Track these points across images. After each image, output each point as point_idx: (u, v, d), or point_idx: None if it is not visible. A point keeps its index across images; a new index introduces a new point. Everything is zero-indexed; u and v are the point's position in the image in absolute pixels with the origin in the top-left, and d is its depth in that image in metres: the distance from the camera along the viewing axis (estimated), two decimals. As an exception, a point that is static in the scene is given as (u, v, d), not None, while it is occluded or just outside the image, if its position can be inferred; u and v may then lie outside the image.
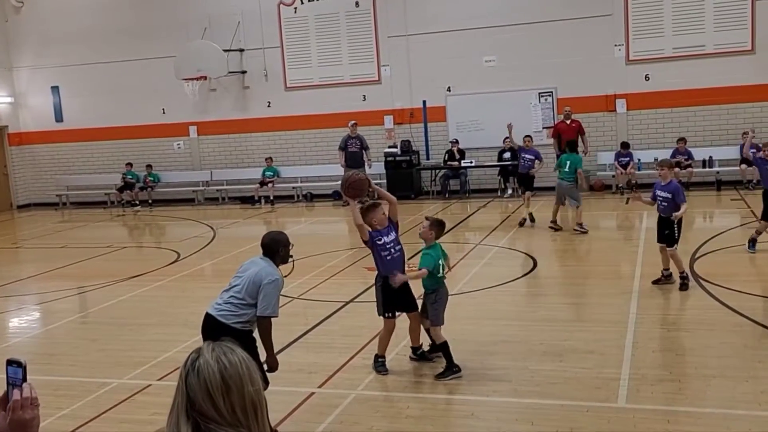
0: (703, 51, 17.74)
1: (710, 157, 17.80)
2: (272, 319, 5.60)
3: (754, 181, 16.73)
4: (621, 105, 18.46)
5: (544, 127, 18.96)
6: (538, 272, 10.89)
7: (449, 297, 7.20)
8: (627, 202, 14.07)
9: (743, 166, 17.05)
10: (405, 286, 6.99)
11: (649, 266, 10.41)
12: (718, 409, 5.91)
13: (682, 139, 17.71)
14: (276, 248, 5.64)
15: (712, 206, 16.16)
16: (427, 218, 7.22)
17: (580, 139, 17.72)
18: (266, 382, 5.42)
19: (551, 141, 18.03)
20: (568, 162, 13.56)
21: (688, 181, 17.52)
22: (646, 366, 6.86)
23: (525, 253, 12.10)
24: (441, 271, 7.04)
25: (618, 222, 15.63)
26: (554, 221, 13.77)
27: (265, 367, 5.59)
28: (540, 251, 12.39)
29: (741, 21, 17.41)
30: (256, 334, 5.74)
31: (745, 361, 6.85)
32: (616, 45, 18.33)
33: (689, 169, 17.53)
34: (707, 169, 17.75)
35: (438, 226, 7.17)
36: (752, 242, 11.05)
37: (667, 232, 9.27)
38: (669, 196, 9.26)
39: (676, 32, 17.89)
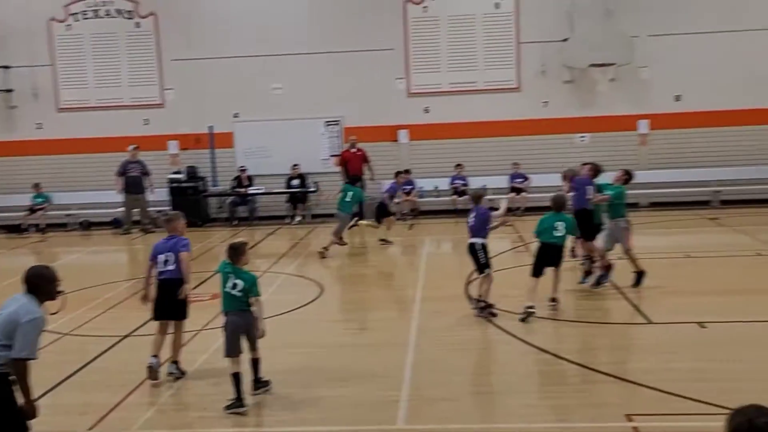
0: (475, 87, 19.07)
1: (484, 185, 19.00)
2: (32, 361, 5.09)
3: (523, 208, 18.25)
4: (403, 135, 19.30)
5: (331, 155, 19.31)
6: (325, 298, 10.96)
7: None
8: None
9: (512, 194, 18.46)
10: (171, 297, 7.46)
11: (430, 289, 10.89)
12: (492, 425, 6.24)
13: (459, 165, 18.85)
14: (39, 283, 5.12)
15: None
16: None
17: (366, 167, 18.32)
18: (25, 430, 4.91)
19: (338, 169, 18.49)
20: (350, 193, 14.06)
21: (464, 207, 18.64)
22: (425, 386, 7.11)
23: (312, 280, 12.15)
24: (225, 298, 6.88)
25: (402, 248, 16.21)
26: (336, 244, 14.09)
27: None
28: (328, 277, 12.51)
29: (508, 61, 18.94)
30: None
31: (514, 378, 7.32)
32: (397, 78, 19.17)
33: (466, 195, 18.64)
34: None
35: (230, 251, 7.00)
36: (586, 274, 10.74)
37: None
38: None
39: (451, 69, 19.08)
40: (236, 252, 6.96)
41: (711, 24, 18.22)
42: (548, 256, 9.43)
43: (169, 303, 7.52)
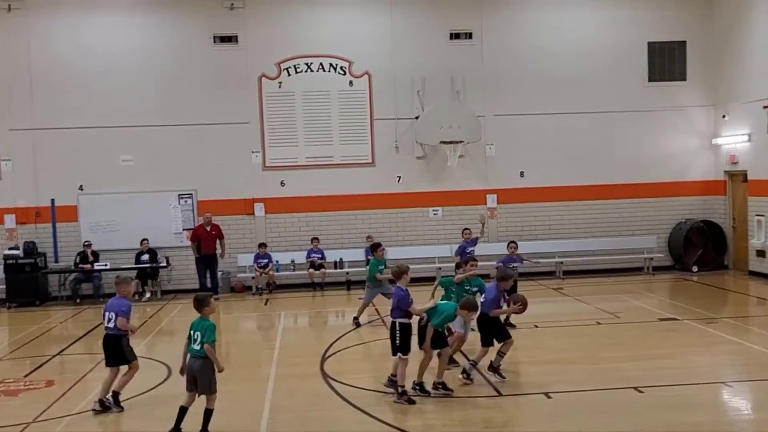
0: (331, 161, 19.30)
1: (341, 258, 19.12)
2: None
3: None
4: (259, 209, 19.10)
5: (184, 229, 18.76)
6: (175, 379, 10.39)
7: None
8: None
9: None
10: None
11: (285, 366, 10.61)
12: None
13: (316, 239, 18.82)
14: None
15: (342, 305, 17.21)
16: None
17: (218, 243, 17.92)
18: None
19: (190, 244, 18.01)
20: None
21: (322, 281, 18.59)
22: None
23: (160, 362, 11.52)
24: None
25: (258, 323, 15.83)
26: None
27: None
28: (177, 358, 11.88)
29: (362, 137, 19.36)
30: None
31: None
32: (253, 152, 19.07)
33: (323, 270, 18.60)
34: (338, 270, 19.01)
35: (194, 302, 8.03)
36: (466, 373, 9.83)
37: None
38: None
39: (308, 143, 19.24)
40: (200, 303, 7.92)
41: (548, 106, 19.52)
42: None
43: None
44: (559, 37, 19.59)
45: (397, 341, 8.95)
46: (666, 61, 20.00)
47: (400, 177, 19.41)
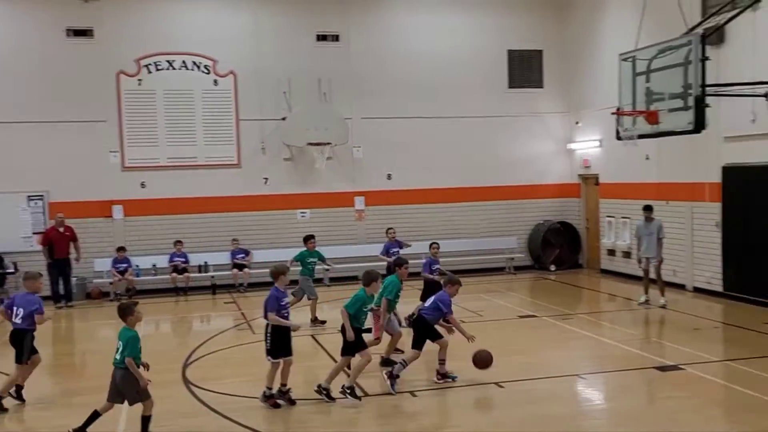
0: (195, 162, 18.71)
1: (206, 262, 18.57)
2: None
3: (245, 284, 18.09)
4: (118, 211, 18.22)
5: (34, 233, 17.59)
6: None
7: None
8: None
9: (235, 270, 18.23)
10: None
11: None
12: None
13: (180, 242, 18.17)
14: None
15: (208, 310, 16.72)
16: None
17: (72, 247, 16.94)
18: None
19: (41, 248, 16.89)
20: None
21: (186, 285, 17.97)
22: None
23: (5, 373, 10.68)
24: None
25: (116, 330, 15.04)
26: None
27: None
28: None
29: (228, 137, 18.90)
30: None
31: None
32: (111, 151, 18.18)
33: (186, 274, 17.99)
34: (203, 274, 18.45)
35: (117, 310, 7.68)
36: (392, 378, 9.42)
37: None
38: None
39: (170, 143, 18.56)
40: (123, 312, 7.55)
41: (415, 110, 19.85)
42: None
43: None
44: (425, 43, 19.96)
45: (267, 343, 8.70)
46: (524, 69, 20.84)
47: (267, 179, 19.11)
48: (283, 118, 18.82)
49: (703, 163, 15.53)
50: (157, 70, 18.46)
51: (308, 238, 14.14)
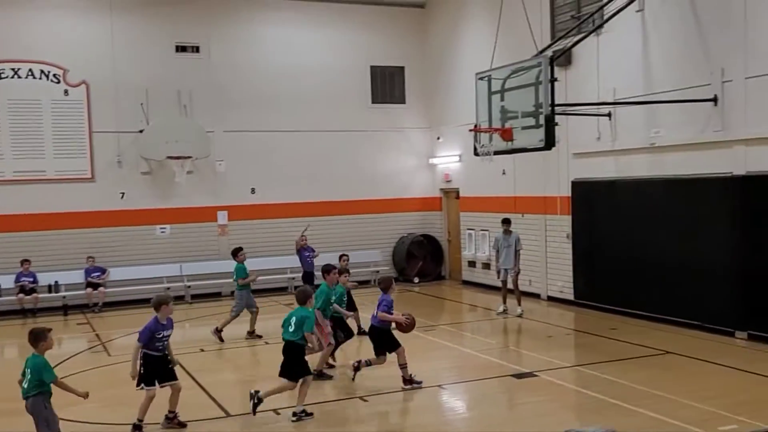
0: (44, 176, 17.67)
1: (56, 281, 17.55)
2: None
3: (101, 304, 17.22)
4: (-44, 229, 16.90)
5: None
6: None
7: None
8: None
9: (89, 289, 17.35)
10: None
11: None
12: None
13: (27, 260, 17.07)
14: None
15: (60, 332, 15.75)
16: None
17: None
18: None
19: None
20: None
21: (35, 307, 16.91)
22: None
23: None
24: None
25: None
26: None
27: None
28: None
29: (81, 150, 17.99)
30: None
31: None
32: (-52, 164, 16.86)
33: (35, 294, 16.93)
34: (53, 294, 17.42)
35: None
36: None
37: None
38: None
39: (16, 156, 17.45)
40: (35, 338, 7.07)
41: (278, 124, 19.72)
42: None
43: None
44: (288, 56, 19.89)
45: (140, 370, 8.28)
46: (387, 85, 21.22)
47: (123, 193, 18.33)
48: (141, 131, 18.15)
49: (554, 178, 16.37)
50: (1, 78, 17.32)
51: (237, 252, 13.91)
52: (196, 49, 19.10)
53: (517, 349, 12.76)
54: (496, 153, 12.82)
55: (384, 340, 9.93)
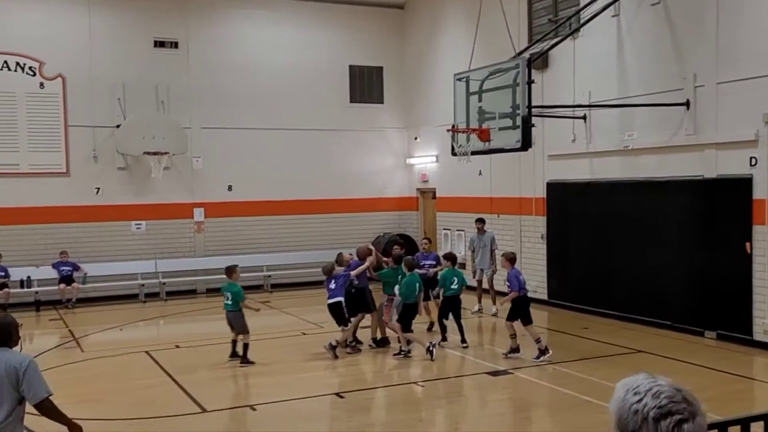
0: (18, 170, 17.49)
1: (29, 276, 17.38)
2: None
3: (74, 300, 17.04)
4: (-73, 222, 16.67)
5: None
6: None
7: None
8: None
9: (62, 285, 17.18)
10: None
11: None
12: None
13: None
14: (9, 331, 5.33)
15: (32, 327, 15.61)
16: None
17: None
18: None
19: None
20: None
21: (5, 302, 16.73)
22: None
23: None
24: None
25: None
26: None
27: None
28: None
29: (55, 144, 17.83)
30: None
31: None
32: None
33: (6, 289, 16.75)
34: (26, 290, 17.25)
35: None
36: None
37: None
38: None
39: (-11, 149, 17.27)
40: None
41: (256, 121, 19.68)
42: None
43: None
44: (266, 54, 19.86)
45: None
46: (365, 85, 21.28)
47: (99, 188, 18.19)
48: (118, 126, 18.03)
49: (530, 179, 16.54)
50: (-25, 70, 17.14)
51: (232, 270, 11.91)
52: (175, 45, 19.02)
53: (492, 347, 12.89)
54: (474, 153, 12.95)
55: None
